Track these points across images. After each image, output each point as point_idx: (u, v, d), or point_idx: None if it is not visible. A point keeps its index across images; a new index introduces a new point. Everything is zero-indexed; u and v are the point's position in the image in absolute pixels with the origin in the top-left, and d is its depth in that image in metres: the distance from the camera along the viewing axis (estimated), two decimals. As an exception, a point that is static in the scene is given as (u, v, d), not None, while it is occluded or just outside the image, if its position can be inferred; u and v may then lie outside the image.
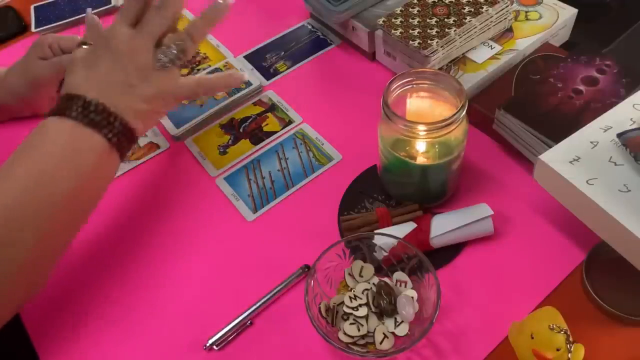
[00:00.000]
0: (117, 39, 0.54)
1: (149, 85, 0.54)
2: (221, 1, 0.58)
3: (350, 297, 0.51)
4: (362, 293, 0.51)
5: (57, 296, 0.57)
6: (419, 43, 0.65)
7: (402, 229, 0.55)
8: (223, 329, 0.52)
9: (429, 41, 0.65)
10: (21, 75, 0.70)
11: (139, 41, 0.54)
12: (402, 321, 0.50)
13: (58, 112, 0.50)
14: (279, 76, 0.77)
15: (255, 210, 0.62)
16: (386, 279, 0.53)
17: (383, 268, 0.53)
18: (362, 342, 0.49)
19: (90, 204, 0.52)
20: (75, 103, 0.49)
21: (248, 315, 0.53)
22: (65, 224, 0.49)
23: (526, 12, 0.73)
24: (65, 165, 0.48)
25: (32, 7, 0.94)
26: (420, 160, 0.54)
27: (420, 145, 0.53)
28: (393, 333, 0.49)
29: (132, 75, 0.53)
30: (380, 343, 0.49)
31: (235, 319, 0.53)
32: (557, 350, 0.44)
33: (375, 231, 0.55)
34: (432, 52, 0.65)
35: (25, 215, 0.45)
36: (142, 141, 0.71)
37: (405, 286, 0.52)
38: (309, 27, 0.83)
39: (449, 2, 0.69)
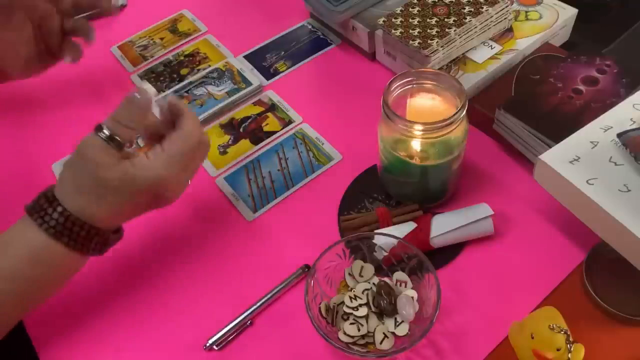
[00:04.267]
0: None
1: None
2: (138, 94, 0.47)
3: (350, 297, 0.51)
4: (362, 293, 0.51)
5: (57, 297, 0.57)
6: (419, 43, 0.65)
7: (402, 229, 0.55)
8: (223, 329, 0.52)
9: (429, 41, 0.65)
10: None
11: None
12: (402, 321, 0.50)
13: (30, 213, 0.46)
14: (279, 76, 0.77)
15: (255, 210, 0.62)
16: (386, 279, 0.53)
17: (383, 268, 0.53)
18: (362, 342, 0.49)
19: (50, 291, 0.50)
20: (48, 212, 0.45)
21: (248, 315, 0.53)
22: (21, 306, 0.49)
23: (526, 12, 0.73)
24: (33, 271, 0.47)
25: (32, 7, 0.94)
26: (420, 160, 0.54)
27: (420, 145, 0.53)
28: (393, 333, 0.49)
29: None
30: (380, 343, 0.49)
31: (235, 319, 0.53)
32: (557, 350, 0.44)
33: (375, 231, 0.55)
34: (432, 52, 0.65)
35: None
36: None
37: (405, 286, 0.52)
38: (309, 27, 0.83)
39: (449, 2, 0.69)
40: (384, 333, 0.49)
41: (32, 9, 0.64)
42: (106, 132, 0.45)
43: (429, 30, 0.66)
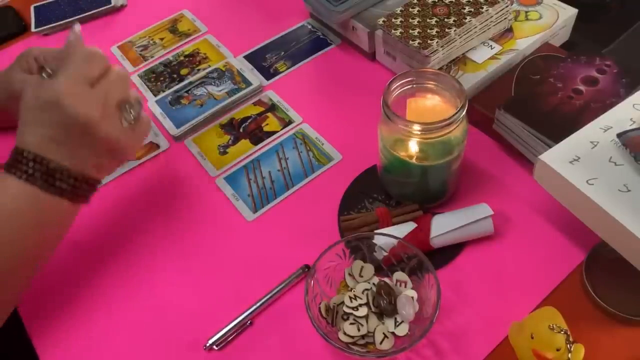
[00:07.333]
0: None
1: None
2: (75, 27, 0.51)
3: (350, 297, 0.51)
4: (362, 293, 0.51)
5: (57, 297, 0.57)
6: (419, 43, 0.65)
7: (402, 229, 0.55)
8: (223, 329, 0.52)
9: (429, 41, 0.65)
10: (1, 86, 0.67)
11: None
12: (402, 321, 0.50)
13: (10, 169, 0.48)
14: (279, 76, 0.77)
15: (255, 210, 0.62)
16: (386, 279, 0.53)
17: (383, 268, 0.53)
18: (362, 342, 0.49)
19: (53, 243, 0.52)
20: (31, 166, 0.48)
21: (248, 315, 0.53)
22: (29, 261, 0.50)
23: (526, 12, 0.73)
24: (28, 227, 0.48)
25: (32, 7, 0.94)
26: (420, 160, 0.54)
27: (420, 145, 0.53)
28: (393, 333, 0.49)
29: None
30: (380, 343, 0.49)
31: (235, 319, 0.53)
32: (557, 350, 0.44)
33: (375, 231, 0.55)
34: (432, 52, 0.65)
35: None
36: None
37: (405, 286, 0.52)
38: (309, 27, 0.83)
39: (449, 2, 0.69)
40: (383, 333, 0.49)
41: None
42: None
43: (429, 30, 0.66)
